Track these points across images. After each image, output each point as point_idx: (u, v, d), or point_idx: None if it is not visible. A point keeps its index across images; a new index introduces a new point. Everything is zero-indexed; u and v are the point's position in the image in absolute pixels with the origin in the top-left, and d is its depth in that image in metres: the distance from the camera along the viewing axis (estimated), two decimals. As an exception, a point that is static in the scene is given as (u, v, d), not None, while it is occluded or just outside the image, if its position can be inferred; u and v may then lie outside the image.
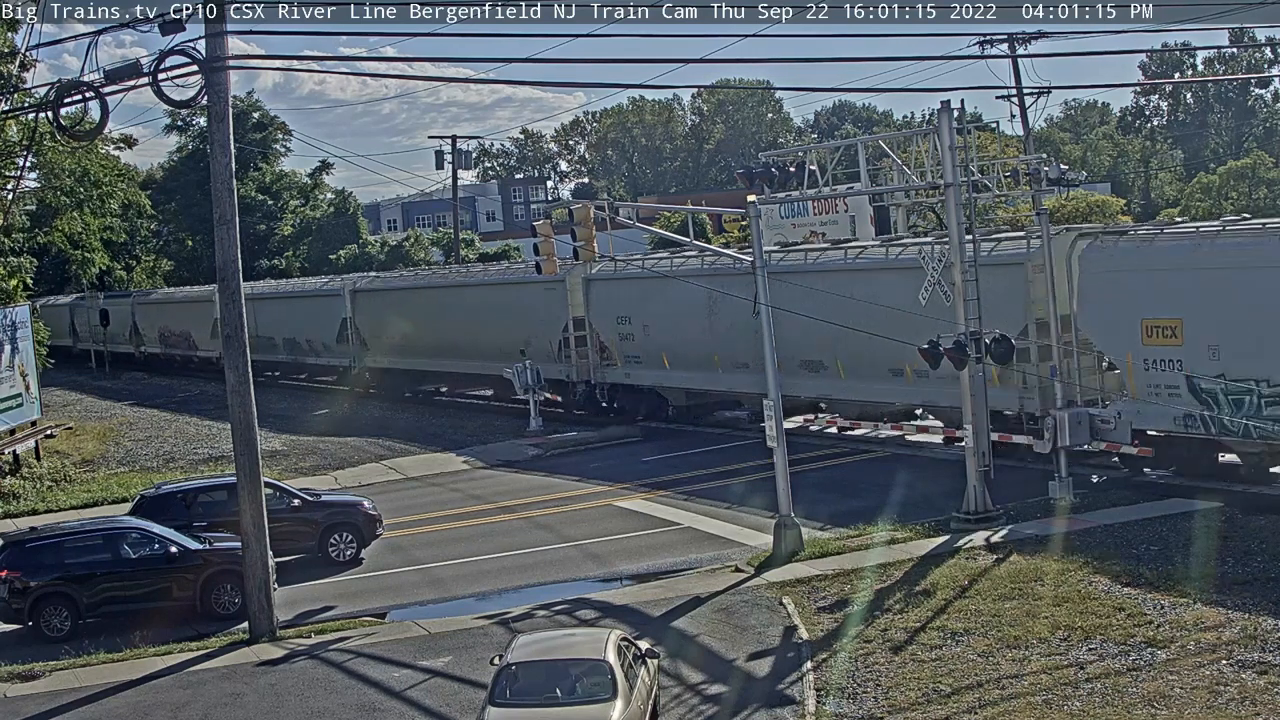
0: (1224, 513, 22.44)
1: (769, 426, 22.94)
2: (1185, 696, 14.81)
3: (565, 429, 39.24)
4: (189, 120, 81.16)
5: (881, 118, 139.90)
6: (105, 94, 19.98)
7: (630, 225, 26.89)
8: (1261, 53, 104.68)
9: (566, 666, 14.54)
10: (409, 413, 46.88)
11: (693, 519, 26.62)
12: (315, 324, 54.23)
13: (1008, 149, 54.20)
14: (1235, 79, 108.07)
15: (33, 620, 21.59)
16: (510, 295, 43.00)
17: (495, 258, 71.43)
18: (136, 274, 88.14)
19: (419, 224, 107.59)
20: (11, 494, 34.17)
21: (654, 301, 36.84)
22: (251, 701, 17.60)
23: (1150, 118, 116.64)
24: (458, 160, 69.80)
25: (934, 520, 23.78)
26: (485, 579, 23.73)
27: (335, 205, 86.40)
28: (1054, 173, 24.90)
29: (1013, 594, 18.97)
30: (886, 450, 31.96)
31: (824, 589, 20.44)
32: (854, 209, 43.80)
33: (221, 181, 20.53)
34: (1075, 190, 43.13)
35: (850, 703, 15.80)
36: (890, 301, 27.39)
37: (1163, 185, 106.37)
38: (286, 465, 36.27)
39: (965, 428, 23.70)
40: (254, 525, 20.69)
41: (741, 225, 55.25)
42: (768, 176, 26.65)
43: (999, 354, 23.14)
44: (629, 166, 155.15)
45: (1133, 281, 24.80)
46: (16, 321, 38.65)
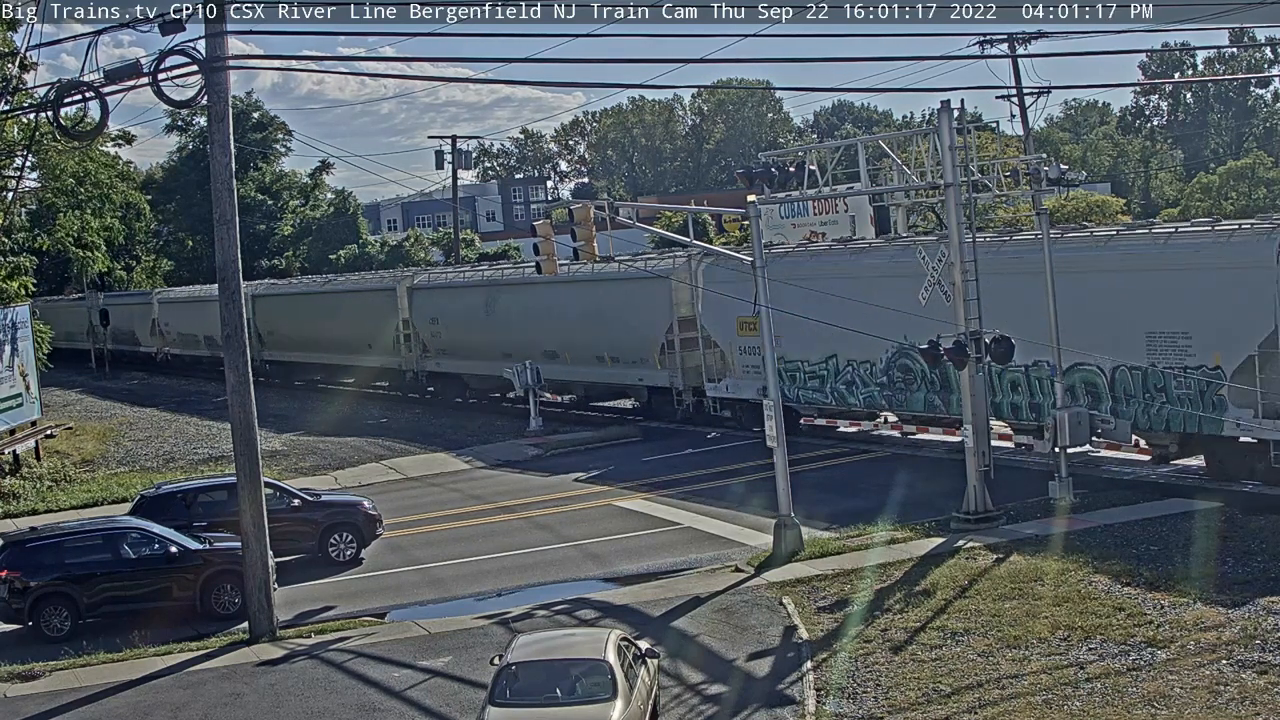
0: (1224, 513, 22.43)
1: (769, 427, 22.93)
2: (1185, 696, 14.81)
3: (565, 429, 39.35)
4: (189, 120, 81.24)
5: (881, 118, 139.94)
6: (105, 94, 19.96)
7: (630, 225, 26.88)
8: (1261, 53, 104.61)
9: (566, 666, 14.54)
10: (409, 413, 46.95)
11: (693, 519, 26.62)
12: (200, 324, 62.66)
13: (1008, 149, 54.17)
14: (1235, 79, 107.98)
15: (33, 620, 21.59)
16: (360, 300, 52.43)
17: (495, 258, 71.61)
18: (136, 274, 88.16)
19: (419, 224, 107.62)
20: (11, 494, 34.18)
21: (453, 306, 46.75)
22: (251, 701, 17.60)
23: (1150, 118, 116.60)
24: (457, 160, 69.83)
25: (934, 520, 23.78)
26: (485, 579, 23.73)
27: (335, 205, 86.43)
28: (1054, 173, 24.89)
29: (1013, 594, 18.97)
30: (886, 450, 31.96)
31: (824, 589, 20.44)
32: (854, 209, 43.85)
33: (221, 181, 20.53)
34: (1075, 190, 43.19)
35: (850, 703, 15.80)
36: (602, 307, 39.05)
37: (1163, 185, 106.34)
38: (286, 465, 36.28)
39: (965, 427, 23.70)
40: (254, 525, 20.69)
41: (742, 225, 55.25)
42: (768, 176, 26.63)
43: (999, 354, 23.12)
44: (629, 166, 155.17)
45: (730, 290, 31.60)
46: (16, 321, 38.67)
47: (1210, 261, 23.69)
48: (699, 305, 35.46)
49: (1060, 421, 24.44)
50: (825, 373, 32.42)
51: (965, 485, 23.63)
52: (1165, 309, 24.47)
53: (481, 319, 44.56)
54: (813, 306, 28.26)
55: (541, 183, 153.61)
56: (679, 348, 36.69)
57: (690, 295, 35.51)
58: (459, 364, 46.65)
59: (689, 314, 36.23)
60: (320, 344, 54.69)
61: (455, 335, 46.38)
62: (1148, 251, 25.12)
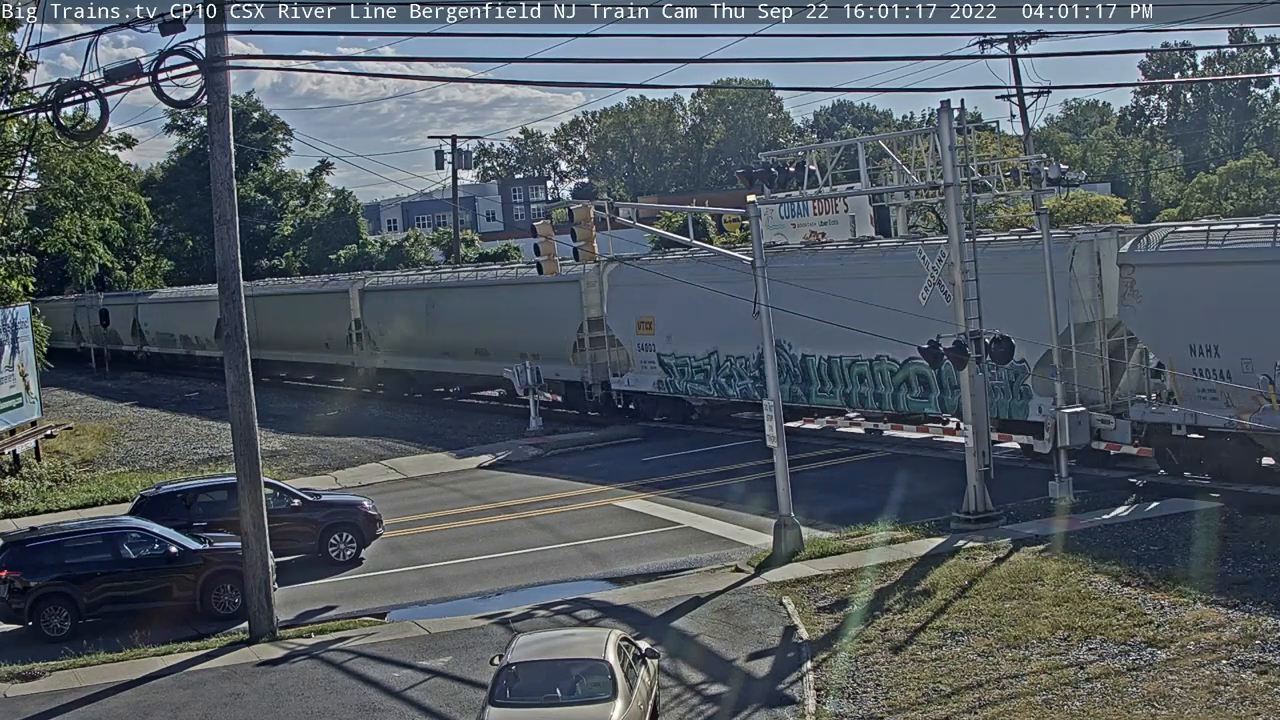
0: (1224, 513, 22.46)
1: (769, 426, 22.92)
2: (1185, 696, 14.81)
3: (565, 429, 39.39)
4: (189, 120, 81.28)
5: (881, 118, 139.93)
6: (105, 94, 19.95)
7: (630, 225, 26.90)
8: (1261, 53, 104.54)
9: (566, 666, 14.53)
10: (409, 413, 46.96)
11: (693, 519, 26.63)
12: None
13: (1008, 149, 54.17)
14: (1235, 79, 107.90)
15: (33, 620, 21.59)
16: (316, 301, 55.55)
17: (495, 258, 71.67)
18: (136, 274, 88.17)
19: (419, 224, 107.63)
20: (11, 494, 34.18)
21: (398, 307, 50.02)
22: (251, 701, 17.60)
23: (1150, 118, 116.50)
24: (457, 160, 69.81)
25: (934, 520, 23.78)
26: (485, 579, 23.73)
27: (335, 205, 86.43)
28: (1054, 173, 24.92)
29: (1013, 594, 18.97)
30: (886, 450, 31.96)
31: (824, 589, 20.44)
32: (854, 209, 43.75)
33: (221, 181, 20.53)
34: (1075, 190, 43.24)
35: (850, 703, 15.80)
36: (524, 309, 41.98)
37: (1163, 185, 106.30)
38: (286, 465, 36.29)
39: (965, 428, 23.71)
40: (254, 525, 20.69)
41: (742, 225, 55.26)
42: (768, 176, 26.65)
43: (999, 354, 23.14)
44: (629, 166, 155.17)
45: (632, 294, 37.02)
46: (17, 321, 38.66)
47: (1016, 267, 26.38)
48: (605, 307, 38.54)
49: (1060, 421, 24.47)
50: (709, 367, 35.82)
51: (965, 485, 23.64)
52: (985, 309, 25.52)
53: (423, 319, 47.90)
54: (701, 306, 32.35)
55: (541, 183, 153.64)
56: (588, 346, 39.69)
57: (599, 298, 38.83)
58: (405, 360, 49.90)
59: (598, 315, 39.08)
60: (284, 342, 57.08)
61: (401, 334, 49.79)
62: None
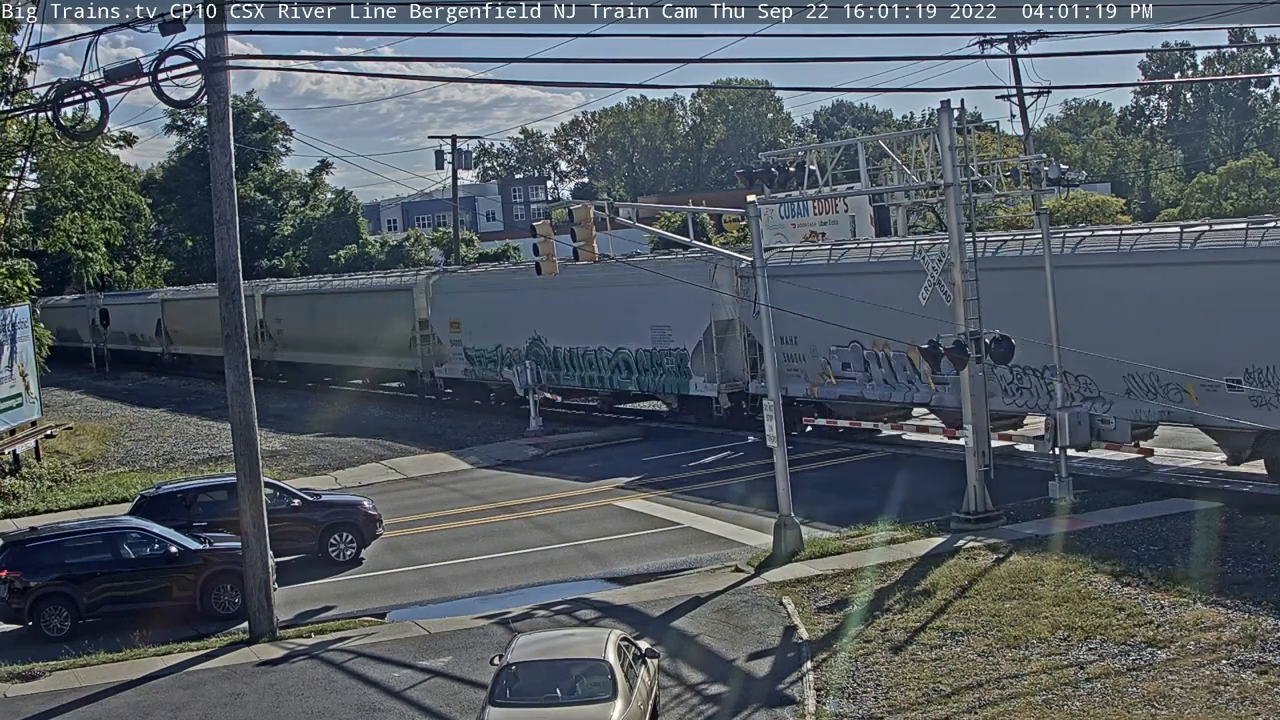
0: (1224, 513, 22.44)
1: (769, 426, 22.92)
2: (1185, 696, 14.81)
3: (565, 429, 39.42)
4: (189, 120, 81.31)
5: (881, 118, 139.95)
6: (105, 94, 19.95)
7: (630, 225, 26.86)
8: (1261, 53, 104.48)
9: (566, 666, 14.53)
10: (409, 413, 46.99)
11: (692, 519, 26.62)
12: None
13: (1008, 149, 54.18)
14: (1235, 79, 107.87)
15: (33, 620, 21.58)
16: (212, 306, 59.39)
17: (495, 258, 71.66)
18: (136, 274, 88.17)
19: (419, 224, 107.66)
20: (11, 494, 34.16)
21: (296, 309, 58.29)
22: (251, 701, 17.59)
23: (1150, 118, 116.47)
24: (457, 160, 69.83)
25: (934, 520, 23.78)
26: (485, 579, 23.73)
27: (335, 205, 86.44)
28: (1054, 173, 24.88)
29: (1013, 594, 18.97)
30: (886, 450, 31.97)
31: (824, 589, 20.43)
32: (854, 209, 43.86)
33: (221, 181, 20.53)
34: (1075, 190, 43.15)
35: (850, 703, 15.80)
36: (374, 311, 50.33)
37: (1163, 185, 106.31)
38: (286, 465, 36.28)
39: (965, 427, 23.70)
40: (254, 525, 20.69)
41: (741, 225, 55.29)
42: (768, 176, 26.63)
43: (999, 354, 23.12)
44: (629, 166, 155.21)
45: (447, 299, 46.94)
46: (16, 322, 38.64)
47: (679, 277, 33.90)
48: (430, 311, 47.49)
49: (1060, 421, 24.46)
50: (496, 357, 43.95)
51: (965, 485, 23.64)
52: (660, 311, 36.64)
53: (309, 320, 56.54)
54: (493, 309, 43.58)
55: (541, 183, 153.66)
56: (419, 342, 48.15)
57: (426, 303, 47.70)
58: (298, 355, 57.91)
59: (425, 317, 47.81)
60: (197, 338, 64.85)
61: (294, 332, 58.16)
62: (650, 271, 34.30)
